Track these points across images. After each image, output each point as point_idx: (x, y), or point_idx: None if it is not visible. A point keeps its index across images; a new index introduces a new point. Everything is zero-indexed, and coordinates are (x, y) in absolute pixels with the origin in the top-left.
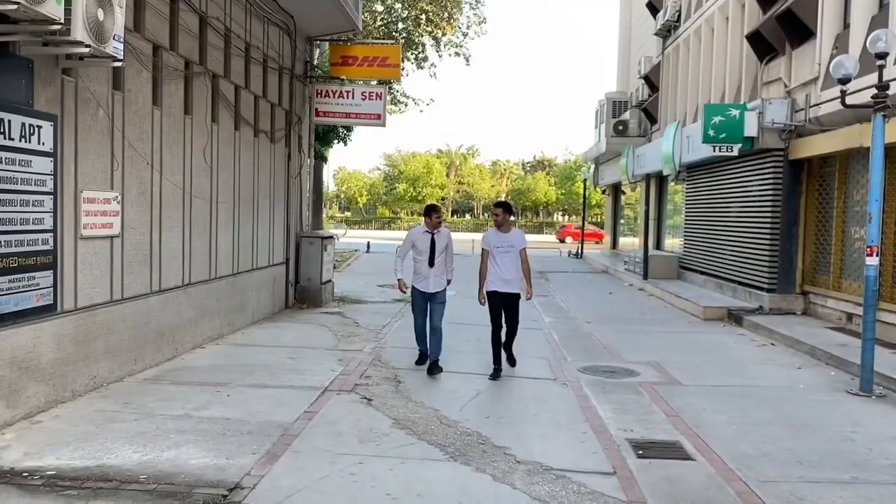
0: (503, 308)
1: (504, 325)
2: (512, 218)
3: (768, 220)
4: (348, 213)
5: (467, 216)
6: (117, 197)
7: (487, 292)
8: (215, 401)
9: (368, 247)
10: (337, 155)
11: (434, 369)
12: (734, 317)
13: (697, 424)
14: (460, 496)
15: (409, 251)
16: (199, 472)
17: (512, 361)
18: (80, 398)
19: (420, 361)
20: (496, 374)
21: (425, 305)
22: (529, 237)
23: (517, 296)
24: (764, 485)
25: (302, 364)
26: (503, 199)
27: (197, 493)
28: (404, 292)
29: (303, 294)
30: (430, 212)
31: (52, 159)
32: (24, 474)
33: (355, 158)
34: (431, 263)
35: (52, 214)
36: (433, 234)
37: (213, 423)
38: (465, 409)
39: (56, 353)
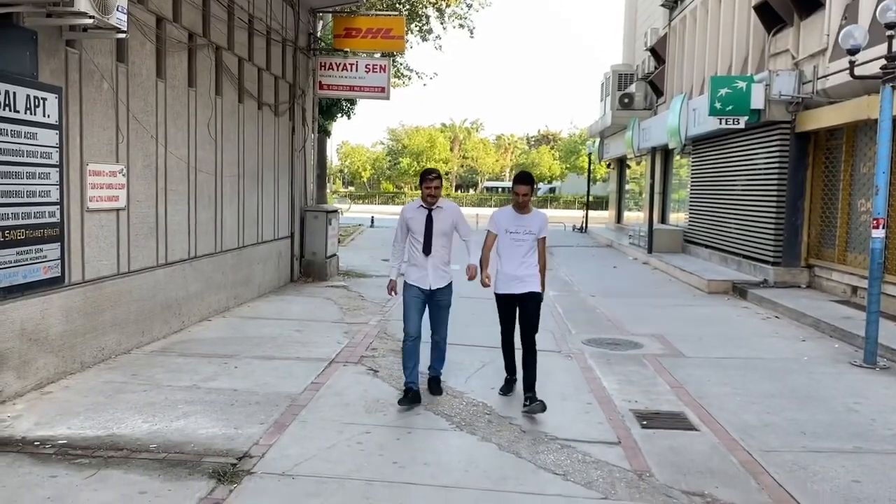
0: (520, 311)
1: (519, 331)
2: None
3: (774, 193)
4: (352, 188)
5: (471, 191)
6: (123, 170)
7: (499, 295)
8: (223, 372)
9: (372, 221)
10: (340, 129)
11: (435, 388)
12: (738, 290)
13: (701, 396)
14: (466, 465)
15: (406, 235)
16: (208, 442)
17: (535, 401)
18: (88, 370)
19: (406, 399)
20: (509, 387)
21: (422, 307)
22: None
23: (538, 295)
24: (767, 454)
25: (308, 336)
26: (525, 171)
27: (206, 462)
28: (393, 296)
29: (308, 268)
30: (424, 178)
31: (57, 132)
32: (36, 443)
33: (358, 133)
34: (427, 251)
35: (58, 187)
36: (430, 211)
37: (221, 393)
38: (471, 380)
39: (64, 325)
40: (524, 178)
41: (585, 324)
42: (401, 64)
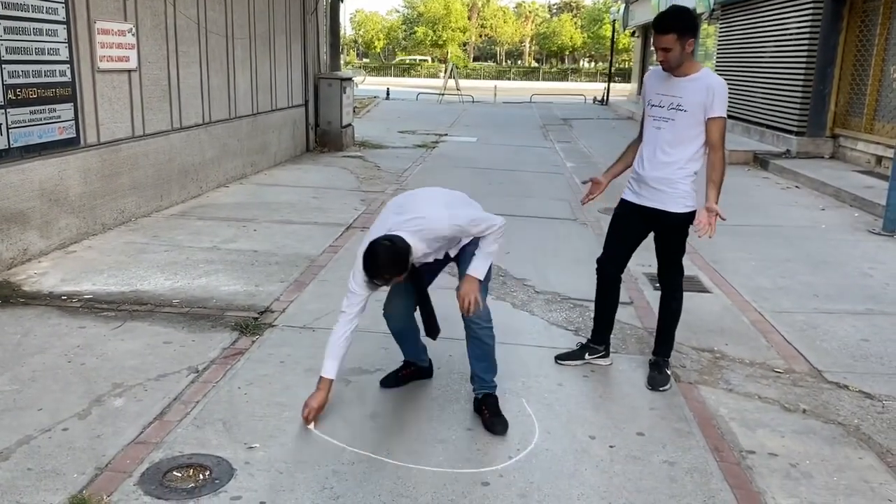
0: (655, 237)
1: (660, 282)
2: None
3: (803, 60)
4: (366, 60)
5: (490, 63)
6: (132, 29)
7: (619, 203)
8: (242, 235)
9: (388, 93)
10: None
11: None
12: (760, 161)
13: (716, 261)
14: None
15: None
16: (230, 298)
17: (660, 369)
18: (109, 231)
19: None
20: (580, 353)
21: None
22: (552, 85)
23: (680, 221)
24: (779, 315)
25: (325, 203)
26: (670, 10)
27: (229, 316)
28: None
29: (323, 137)
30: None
31: None
32: (63, 297)
33: (373, 0)
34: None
35: (66, 45)
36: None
37: (241, 254)
38: None
39: (83, 187)
40: (664, 23)
41: (603, 194)
42: None
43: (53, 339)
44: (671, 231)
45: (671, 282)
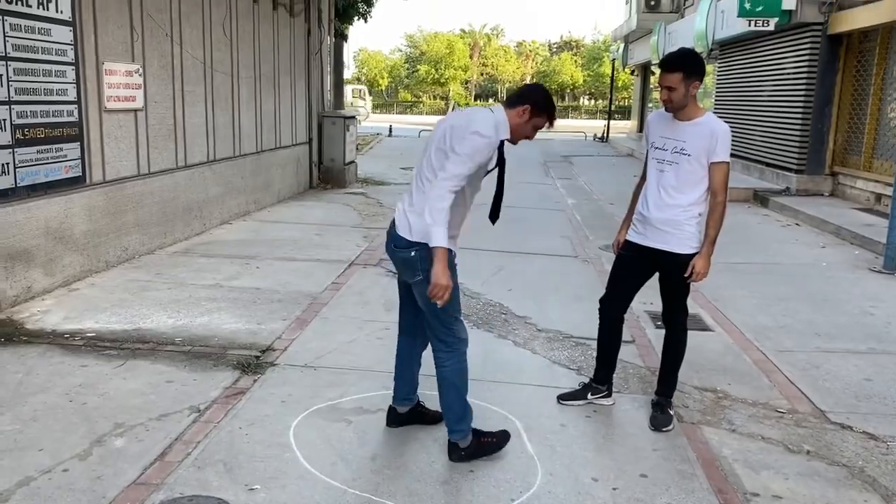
0: (660, 277)
1: (664, 321)
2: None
3: (801, 99)
4: (369, 97)
5: (491, 101)
6: (139, 69)
7: (623, 243)
8: (245, 272)
9: (391, 130)
10: (357, 36)
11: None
12: (760, 198)
13: (717, 299)
14: (483, 359)
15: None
16: (231, 336)
17: (662, 409)
18: (113, 269)
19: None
20: (582, 393)
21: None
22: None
23: (686, 262)
24: (781, 354)
25: (328, 240)
26: (679, 51)
27: (231, 354)
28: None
29: (326, 174)
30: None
31: (70, 28)
32: (66, 336)
33: (376, 40)
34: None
35: (75, 86)
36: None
37: (243, 292)
38: (488, 283)
39: (88, 225)
40: (671, 62)
41: (603, 230)
42: None
43: (55, 377)
44: (677, 272)
45: (676, 321)
